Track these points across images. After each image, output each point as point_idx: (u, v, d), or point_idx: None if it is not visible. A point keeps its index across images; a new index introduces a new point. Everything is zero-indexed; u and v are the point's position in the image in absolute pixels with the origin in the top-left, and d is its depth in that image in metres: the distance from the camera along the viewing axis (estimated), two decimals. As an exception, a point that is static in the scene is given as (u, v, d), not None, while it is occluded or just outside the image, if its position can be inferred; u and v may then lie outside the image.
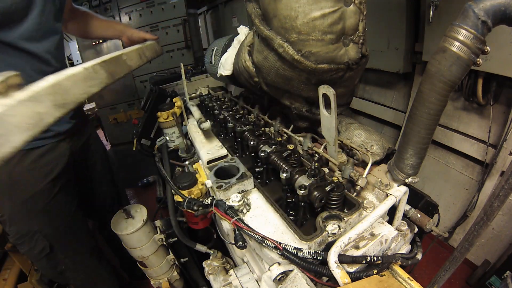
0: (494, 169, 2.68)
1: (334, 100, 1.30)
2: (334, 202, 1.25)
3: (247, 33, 2.20)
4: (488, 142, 2.70)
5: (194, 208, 1.43)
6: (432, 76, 1.03)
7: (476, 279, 2.70)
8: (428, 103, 1.06)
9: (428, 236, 1.74)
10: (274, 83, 1.77)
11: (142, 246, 1.97)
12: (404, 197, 1.35)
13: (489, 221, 1.19)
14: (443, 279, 1.47)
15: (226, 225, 1.41)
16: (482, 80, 2.54)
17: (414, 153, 1.20)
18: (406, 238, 1.45)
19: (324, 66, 1.42)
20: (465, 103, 2.92)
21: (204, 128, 2.05)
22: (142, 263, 2.09)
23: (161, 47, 2.32)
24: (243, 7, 5.35)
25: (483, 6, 0.92)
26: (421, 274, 2.85)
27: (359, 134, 1.84)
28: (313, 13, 1.28)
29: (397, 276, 1.09)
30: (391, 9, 3.12)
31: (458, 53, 0.96)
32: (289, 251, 1.07)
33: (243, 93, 3.02)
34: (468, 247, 1.30)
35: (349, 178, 1.45)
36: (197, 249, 1.94)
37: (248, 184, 1.50)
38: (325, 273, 1.06)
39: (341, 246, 1.10)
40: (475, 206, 2.85)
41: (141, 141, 3.76)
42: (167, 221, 2.24)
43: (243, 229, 1.18)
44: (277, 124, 2.08)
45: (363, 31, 1.41)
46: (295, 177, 1.32)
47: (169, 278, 2.23)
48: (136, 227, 1.89)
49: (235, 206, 1.33)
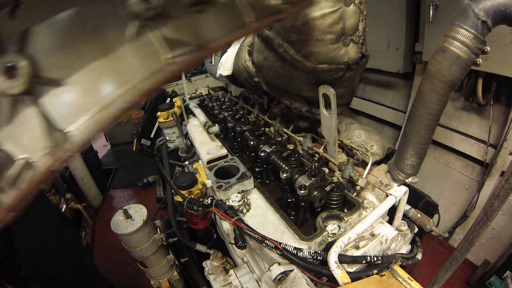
0: (494, 169, 2.68)
1: (334, 100, 1.30)
2: (334, 202, 1.25)
3: (247, 33, 2.20)
4: (488, 142, 2.70)
5: (194, 208, 1.43)
6: (432, 76, 1.03)
7: (476, 279, 2.70)
8: (428, 103, 1.06)
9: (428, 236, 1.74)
10: (274, 83, 1.78)
11: (142, 246, 1.97)
12: (404, 197, 1.35)
13: (489, 221, 1.18)
14: (443, 279, 1.47)
15: (226, 225, 1.41)
16: (482, 80, 2.54)
17: (414, 153, 1.20)
18: (406, 238, 1.45)
19: (324, 66, 1.42)
20: (465, 103, 2.92)
21: (213, 133, 2.05)
22: (142, 263, 2.09)
23: None
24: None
25: (483, 6, 0.92)
26: (421, 274, 2.85)
27: (359, 134, 1.84)
28: (313, 13, 1.28)
29: (397, 276, 1.09)
30: (391, 9, 3.12)
31: (458, 53, 0.96)
32: (289, 251, 1.07)
33: (243, 93, 3.02)
34: (468, 247, 1.30)
35: (349, 178, 1.45)
36: (197, 249, 1.94)
37: (248, 184, 1.50)
38: (325, 273, 1.06)
39: (341, 246, 1.10)
40: (475, 206, 2.85)
41: (141, 141, 3.77)
42: (167, 221, 2.24)
43: (243, 229, 1.18)
44: (277, 124, 2.08)
45: (363, 31, 1.41)
46: (295, 177, 1.32)
47: (169, 278, 2.23)
48: (136, 227, 1.89)
49: (235, 206, 1.33)
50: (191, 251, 2.36)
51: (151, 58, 0.63)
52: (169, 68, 0.62)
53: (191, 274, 2.33)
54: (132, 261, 2.20)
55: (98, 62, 0.60)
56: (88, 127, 0.57)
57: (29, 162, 0.53)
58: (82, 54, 0.59)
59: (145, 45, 0.62)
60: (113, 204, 4.65)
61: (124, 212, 1.96)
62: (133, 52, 0.62)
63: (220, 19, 0.72)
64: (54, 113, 0.56)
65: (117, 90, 0.60)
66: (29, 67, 0.51)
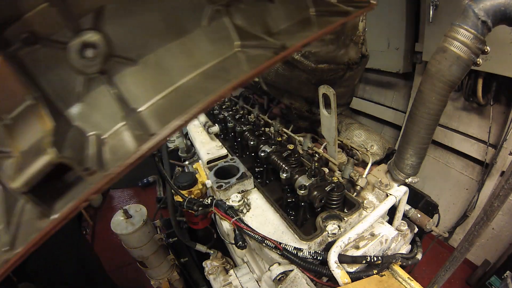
0: (494, 169, 2.68)
1: (334, 100, 1.30)
2: (334, 202, 1.25)
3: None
4: (488, 142, 2.70)
5: (194, 208, 1.43)
6: (432, 76, 1.03)
7: (476, 279, 2.70)
8: (428, 103, 1.06)
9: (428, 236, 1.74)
10: (274, 83, 1.78)
11: (142, 246, 1.97)
12: (404, 197, 1.35)
13: (489, 221, 1.18)
14: (443, 279, 1.47)
15: (226, 225, 1.41)
16: (482, 80, 2.54)
17: (414, 153, 1.20)
18: (406, 238, 1.45)
19: (324, 66, 1.42)
20: (465, 103, 2.92)
21: (213, 133, 2.05)
22: (142, 263, 2.09)
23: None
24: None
25: (483, 6, 0.92)
26: (421, 274, 2.85)
27: (359, 134, 1.84)
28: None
29: (397, 276, 1.09)
30: (391, 9, 3.12)
31: (458, 53, 0.96)
32: (289, 251, 1.07)
33: (243, 93, 3.02)
34: (468, 247, 1.30)
35: (349, 178, 1.45)
36: (197, 249, 1.94)
37: (248, 184, 1.50)
38: (325, 273, 1.06)
39: (341, 246, 1.10)
40: (475, 206, 2.85)
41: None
42: (167, 221, 2.24)
43: (243, 229, 1.18)
44: (277, 124, 2.08)
45: (363, 31, 1.41)
46: (295, 177, 1.32)
47: (169, 278, 2.23)
48: (136, 227, 1.89)
49: (235, 206, 1.33)
50: (191, 251, 2.36)
51: (224, 43, 0.64)
52: (241, 56, 0.63)
53: (191, 274, 2.33)
54: (132, 261, 2.20)
55: (173, 44, 0.60)
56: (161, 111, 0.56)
57: (101, 139, 0.53)
58: (157, 34, 0.59)
59: (218, 30, 0.63)
60: (113, 204, 4.64)
61: (124, 212, 1.96)
62: (207, 35, 0.62)
63: (285, 9, 0.73)
64: (126, 92, 0.55)
65: (188, 73, 0.59)
66: (105, 47, 0.51)
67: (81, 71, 0.50)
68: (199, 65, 0.61)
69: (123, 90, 0.55)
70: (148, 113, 0.55)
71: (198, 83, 0.59)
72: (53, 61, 0.50)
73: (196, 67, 0.61)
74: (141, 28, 0.58)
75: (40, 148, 0.44)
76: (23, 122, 0.46)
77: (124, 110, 0.54)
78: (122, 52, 0.55)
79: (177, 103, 0.55)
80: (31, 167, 0.43)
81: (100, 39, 0.51)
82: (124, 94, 0.55)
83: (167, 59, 0.60)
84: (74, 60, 0.49)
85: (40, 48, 0.48)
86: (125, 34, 0.56)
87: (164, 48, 0.60)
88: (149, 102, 0.56)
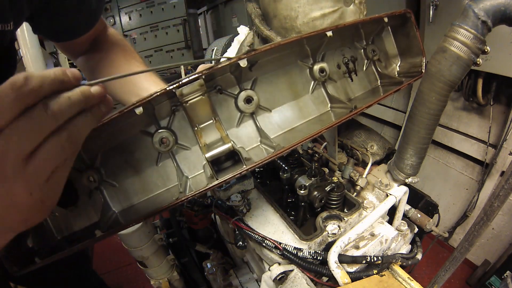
0: (494, 169, 2.68)
1: (334, 100, 1.30)
2: (334, 202, 1.25)
3: (247, 33, 2.20)
4: (488, 142, 2.70)
5: (194, 208, 1.43)
6: (432, 76, 1.03)
7: (476, 279, 2.70)
8: (428, 103, 1.06)
9: (428, 236, 1.74)
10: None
11: (142, 246, 1.96)
12: (404, 197, 1.35)
13: (489, 221, 1.19)
14: (443, 279, 1.47)
15: (226, 225, 1.42)
16: (482, 80, 2.54)
17: (414, 153, 1.20)
18: (406, 238, 1.45)
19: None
20: (465, 103, 2.92)
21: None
22: (142, 263, 2.08)
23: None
24: (243, 7, 5.35)
25: (483, 6, 0.92)
26: (421, 274, 2.85)
27: (359, 134, 1.83)
28: (313, 13, 1.28)
29: (397, 276, 1.09)
30: (391, 9, 3.12)
31: (458, 53, 0.96)
32: (289, 251, 1.07)
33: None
34: (468, 247, 1.30)
35: (349, 178, 1.45)
36: (197, 249, 1.94)
37: (248, 184, 1.50)
38: (325, 273, 1.06)
39: (341, 246, 1.10)
40: (475, 206, 2.85)
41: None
42: (167, 221, 2.24)
43: (243, 229, 1.18)
44: (277, 124, 2.08)
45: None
46: (295, 177, 1.32)
47: (169, 278, 2.22)
48: (136, 227, 1.89)
49: (235, 206, 1.33)
50: (191, 251, 2.36)
51: (321, 104, 1.07)
52: (331, 114, 1.08)
53: (191, 274, 2.33)
54: (132, 261, 2.19)
55: (291, 102, 1.03)
56: (281, 140, 0.96)
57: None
58: (283, 95, 1.02)
59: (318, 96, 1.07)
60: (113, 204, 4.64)
61: (124, 212, 1.95)
62: (311, 99, 1.06)
63: (360, 83, 1.19)
64: (264, 127, 0.96)
65: (299, 121, 1.03)
66: (257, 99, 0.93)
67: (243, 111, 0.93)
68: (306, 117, 1.04)
69: (261, 125, 0.97)
70: (275, 140, 0.95)
71: (304, 128, 1.01)
72: (227, 103, 0.94)
73: (304, 118, 1.04)
74: (275, 91, 1.00)
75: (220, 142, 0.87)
76: (208, 132, 0.89)
77: (261, 135, 0.97)
78: (264, 104, 0.98)
79: (289, 137, 0.98)
80: (216, 150, 0.83)
81: (254, 94, 0.92)
82: (260, 127, 0.96)
83: (288, 111, 1.02)
84: (241, 105, 0.92)
85: (222, 95, 0.93)
86: (266, 93, 0.98)
87: (287, 104, 1.02)
88: (275, 134, 0.98)
